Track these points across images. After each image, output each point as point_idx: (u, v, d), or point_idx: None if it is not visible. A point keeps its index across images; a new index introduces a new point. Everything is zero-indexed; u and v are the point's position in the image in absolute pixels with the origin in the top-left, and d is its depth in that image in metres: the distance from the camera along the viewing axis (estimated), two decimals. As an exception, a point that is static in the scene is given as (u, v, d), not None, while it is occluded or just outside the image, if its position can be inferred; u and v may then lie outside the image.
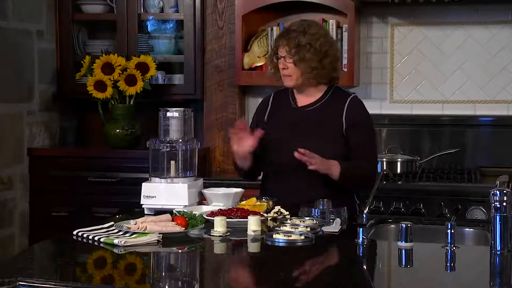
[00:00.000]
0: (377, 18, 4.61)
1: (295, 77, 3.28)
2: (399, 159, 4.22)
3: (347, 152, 3.26)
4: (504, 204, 2.42)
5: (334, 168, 3.17)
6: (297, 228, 2.71)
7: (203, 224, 2.79)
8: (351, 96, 3.35)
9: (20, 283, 2.14)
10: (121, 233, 2.68)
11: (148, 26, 4.81)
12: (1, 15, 4.24)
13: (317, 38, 3.27)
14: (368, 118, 3.37)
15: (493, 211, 2.43)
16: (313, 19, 4.35)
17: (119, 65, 4.41)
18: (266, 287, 2.21)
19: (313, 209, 2.96)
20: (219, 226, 2.71)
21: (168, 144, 3.15)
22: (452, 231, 2.49)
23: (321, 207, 2.94)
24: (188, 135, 3.20)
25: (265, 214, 2.98)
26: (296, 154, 3.09)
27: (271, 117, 3.41)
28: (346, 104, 3.31)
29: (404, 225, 2.51)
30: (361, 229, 2.55)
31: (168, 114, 3.18)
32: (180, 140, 3.16)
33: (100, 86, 4.40)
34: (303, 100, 3.37)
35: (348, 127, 3.28)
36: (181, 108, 3.21)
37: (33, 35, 4.51)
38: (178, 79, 4.71)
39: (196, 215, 2.81)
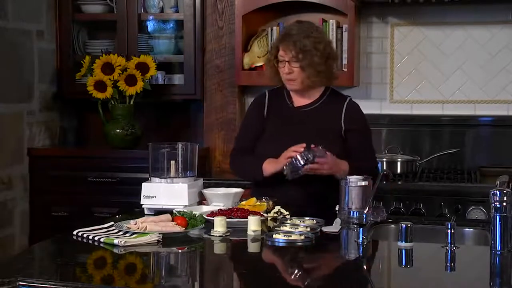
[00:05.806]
0: (377, 18, 4.60)
1: (300, 81, 3.30)
2: (399, 159, 4.22)
3: (343, 153, 3.28)
4: (504, 204, 2.42)
5: (343, 167, 3.21)
6: (297, 228, 2.72)
7: (203, 224, 2.79)
8: (348, 99, 3.39)
9: (20, 283, 2.14)
10: (121, 233, 2.68)
11: (148, 26, 4.80)
12: (1, 15, 4.23)
13: (320, 41, 3.29)
14: (366, 121, 3.43)
15: (493, 211, 2.43)
16: (313, 19, 4.38)
17: (119, 65, 4.41)
18: (266, 287, 2.21)
19: (293, 159, 3.07)
20: (219, 226, 2.71)
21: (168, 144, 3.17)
22: (452, 231, 2.49)
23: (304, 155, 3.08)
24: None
25: (265, 214, 2.98)
26: (309, 167, 3.08)
27: (269, 114, 3.41)
28: (344, 108, 3.35)
29: (404, 225, 2.51)
30: (361, 229, 2.55)
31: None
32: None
33: (100, 86, 4.40)
34: (299, 100, 3.38)
35: (347, 130, 3.32)
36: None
37: (33, 35, 4.51)
38: (178, 79, 4.71)
39: (196, 215, 2.81)
